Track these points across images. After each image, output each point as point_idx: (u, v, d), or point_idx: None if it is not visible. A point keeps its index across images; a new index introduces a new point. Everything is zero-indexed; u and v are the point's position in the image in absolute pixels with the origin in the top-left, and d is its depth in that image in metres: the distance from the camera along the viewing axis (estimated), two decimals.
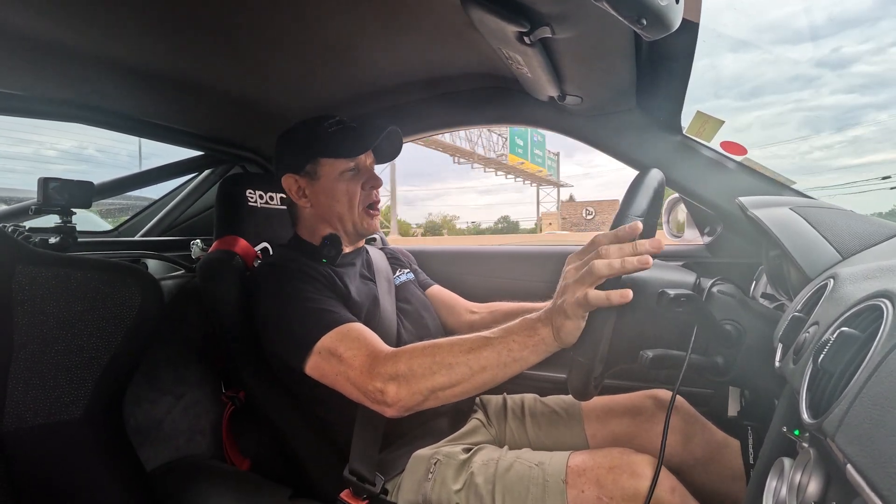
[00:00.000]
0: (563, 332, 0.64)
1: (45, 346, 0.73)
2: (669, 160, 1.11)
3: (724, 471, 0.94)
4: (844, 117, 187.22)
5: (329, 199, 1.03)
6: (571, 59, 0.87)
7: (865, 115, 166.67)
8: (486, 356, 0.70)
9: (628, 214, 0.64)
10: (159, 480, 0.92)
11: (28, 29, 0.82)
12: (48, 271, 0.75)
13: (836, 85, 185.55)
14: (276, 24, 0.87)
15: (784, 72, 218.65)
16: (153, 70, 1.00)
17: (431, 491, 0.85)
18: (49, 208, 0.99)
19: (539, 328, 0.68)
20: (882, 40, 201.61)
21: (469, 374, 0.71)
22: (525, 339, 0.69)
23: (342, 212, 1.03)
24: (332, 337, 0.83)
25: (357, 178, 1.03)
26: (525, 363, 0.70)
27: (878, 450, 0.31)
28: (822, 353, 0.41)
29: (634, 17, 0.56)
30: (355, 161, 1.03)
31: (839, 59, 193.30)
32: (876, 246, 0.66)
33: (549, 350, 0.68)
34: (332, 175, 1.02)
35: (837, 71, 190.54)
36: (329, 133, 1.02)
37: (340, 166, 1.02)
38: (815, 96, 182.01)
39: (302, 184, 1.04)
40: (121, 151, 57.97)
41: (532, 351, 0.68)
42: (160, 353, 1.14)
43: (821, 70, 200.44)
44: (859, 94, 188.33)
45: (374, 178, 1.06)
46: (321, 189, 1.03)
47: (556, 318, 0.65)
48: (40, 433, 0.72)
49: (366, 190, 1.04)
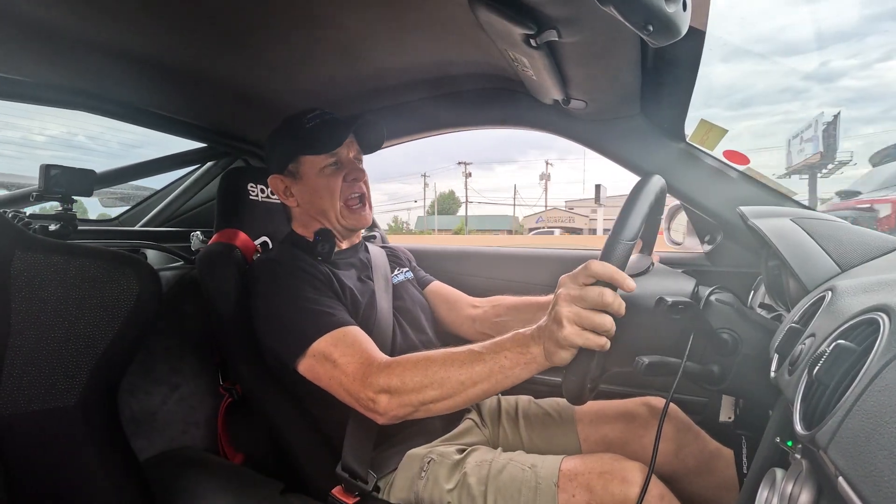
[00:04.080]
0: (556, 358, 0.65)
1: (41, 333, 0.73)
2: (672, 167, 1.11)
3: (717, 481, 0.94)
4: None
5: (312, 195, 1.03)
6: (577, 63, 0.87)
7: (852, 128, 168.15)
8: (478, 371, 0.71)
9: (619, 241, 0.63)
10: (152, 470, 0.92)
11: (33, 15, 0.82)
12: (47, 258, 0.75)
13: (823, 98, 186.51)
14: (284, 18, 0.87)
15: (774, 83, 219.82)
16: (159, 60, 1.00)
17: (424, 490, 0.85)
18: (50, 195, 0.99)
19: (531, 346, 0.68)
20: (868, 56, 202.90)
21: (460, 388, 0.72)
22: (517, 356, 0.69)
23: (325, 208, 1.03)
24: (328, 340, 0.83)
25: (338, 171, 1.03)
26: (516, 379, 0.70)
27: (871, 463, 0.31)
28: (817, 365, 0.41)
29: (641, 23, 0.56)
30: (335, 155, 1.03)
31: (827, 72, 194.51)
32: (875, 259, 0.66)
33: (540, 368, 0.68)
34: (313, 172, 1.02)
35: (825, 84, 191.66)
36: (307, 129, 1.02)
37: (320, 162, 1.02)
38: (803, 108, 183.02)
39: (287, 183, 1.05)
40: (111, 140, 57.79)
41: (524, 369, 0.69)
42: (157, 343, 1.14)
43: (808, 83, 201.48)
44: (846, 108, 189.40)
45: (356, 171, 1.05)
46: (304, 187, 1.04)
47: (548, 344, 0.65)
48: (34, 419, 0.72)
49: (347, 182, 1.04)
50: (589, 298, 0.62)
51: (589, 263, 0.64)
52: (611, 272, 0.62)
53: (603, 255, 0.64)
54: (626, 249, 0.64)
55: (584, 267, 0.64)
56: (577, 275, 0.65)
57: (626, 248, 0.64)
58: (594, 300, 0.61)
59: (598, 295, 0.61)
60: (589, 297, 0.62)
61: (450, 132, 1.42)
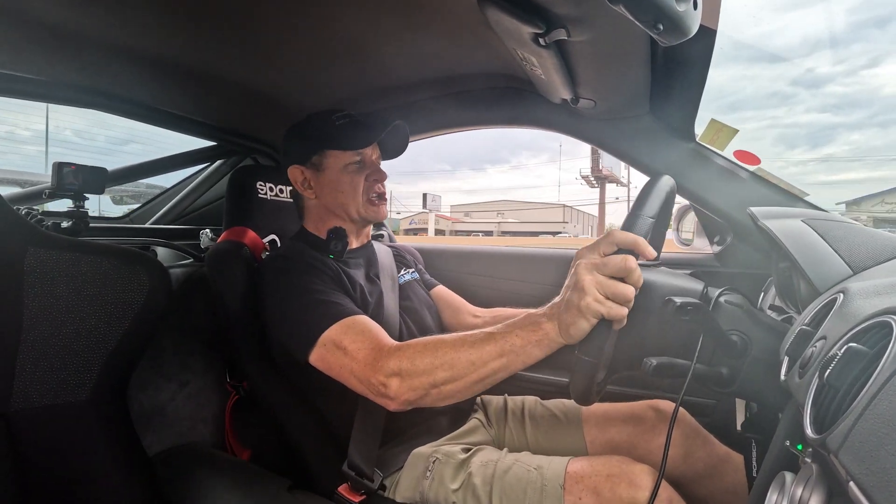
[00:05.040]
0: (574, 329, 0.62)
1: (53, 329, 0.74)
2: (681, 167, 1.10)
3: (725, 485, 0.93)
4: (818, 135, 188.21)
5: (333, 190, 1.03)
6: (586, 62, 0.86)
7: (838, 134, 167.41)
8: (489, 351, 0.70)
9: (640, 214, 0.63)
10: (160, 466, 0.93)
11: (46, 14, 0.83)
12: (59, 255, 0.76)
13: (810, 103, 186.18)
14: (293, 18, 0.87)
15: (762, 88, 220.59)
16: (170, 59, 1.01)
17: (429, 489, 0.85)
18: (62, 193, 1.01)
19: (543, 323, 0.67)
20: (854, 63, 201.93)
21: (471, 369, 0.71)
22: (529, 334, 0.67)
23: (346, 202, 1.03)
24: (337, 329, 0.83)
25: (361, 170, 1.04)
26: (529, 358, 0.68)
27: (882, 468, 0.30)
28: (828, 368, 0.41)
29: (651, 22, 0.56)
30: (361, 154, 1.04)
31: (813, 78, 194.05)
32: (887, 262, 0.65)
33: (553, 346, 0.66)
34: (336, 167, 1.03)
35: (811, 90, 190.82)
36: (336, 126, 1.03)
37: (346, 158, 1.03)
38: (790, 114, 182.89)
39: (307, 175, 1.05)
40: (98, 136, 58.30)
41: (536, 346, 0.67)
42: (166, 340, 1.15)
43: (796, 88, 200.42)
44: (832, 114, 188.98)
45: (378, 172, 1.06)
46: (326, 180, 1.04)
47: (567, 315, 0.63)
48: (46, 414, 0.74)
49: (369, 182, 1.05)
50: (612, 265, 0.61)
51: (612, 231, 0.63)
52: (633, 239, 0.61)
53: (624, 226, 0.64)
54: (647, 225, 0.63)
55: (607, 234, 0.64)
56: (599, 243, 0.64)
57: (646, 223, 0.63)
58: (618, 266, 0.60)
59: (621, 261, 0.60)
60: (612, 263, 0.61)
61: (457, 132, 1.42)
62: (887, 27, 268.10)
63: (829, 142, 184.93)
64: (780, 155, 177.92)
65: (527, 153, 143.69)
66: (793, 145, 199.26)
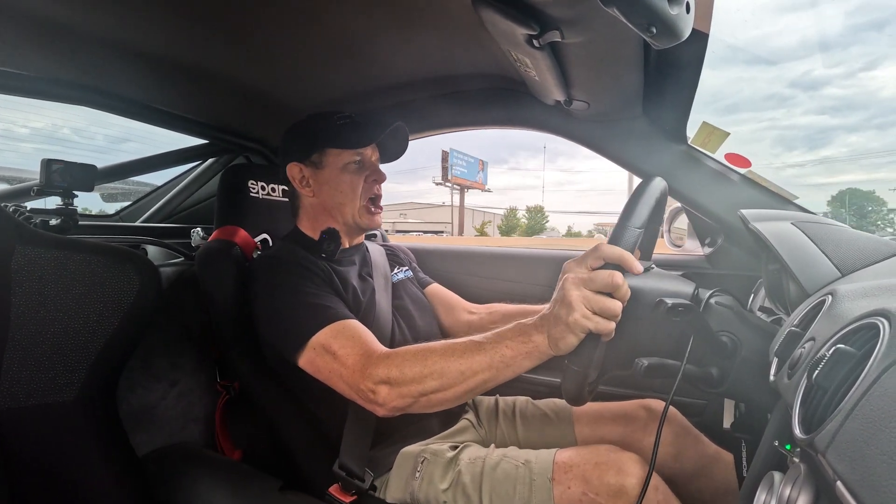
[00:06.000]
0: (563, 343, 0.63)
1: (41, 327, 0.73)
2: (673, 169, 1.11)
3: (716, 484, 0.94)
4: (816, 137, 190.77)
5: (332, 188, 1.03)
6: (580, 64, 0.87)
7: (836, 136, 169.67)
8: (479, 361, 0.70)
9: (627, 226, 0.64)
10: (150, 466, 0.92)
11: (39, 10, 0.82)
12: (47, 253, 0.75)
13: (808, 106, 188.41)
14: (288, 16, 0.87)
15: (760, 90, 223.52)
16: (163, 56, 1.00)
17: (419, 489, 0.85)
18: (51, 190, 0.99)
19: (533, 335, 0.67)
20: (852, 65, 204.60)
21: (461, 378, 0.71)
22: (519, 345, 0.68)
23: (343, 202, 1.03)
24: (327, 333, 0.83)
25: (361, 170, 1.04)
26: (518, 369, 0.69)
27: (869, 468, 0.31)
28: (816, 368, 0.41)
29: (644, 25, 0.56)
30: (360, 154, 1.03)
31: (811, 81, 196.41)
32: (875, 264, 0.66)
33: (543, 357, 0.67)
34: (336, 165, 1.02)
35: (809, 92, 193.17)
36: (338, 125, 1.03)
37: (346, 157, 1.02)
38: (788, 116, 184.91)
39: (306, 173, 1.04)
40: (97, 133, 57.77)
41: (526, 357, 0.68)
42: (156, 339, 1.14)
43: (794, 90, 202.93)
44: (829, 116, 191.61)
45: (377, 173, 1.06)
46: (325, 179, 1.03)
47: (555, 330, 0.64)
48: (33, 414, 0.73)
49: (368, 183, 1.05)
50: (598, 280, 0.61)
51: (599, 246, 0.63)
52: (620, 254, 0.62)
53: (611, 239, 0.64)
54: (634, 236, 0.64)
55: (594, 249, 0.64)
56: (585, 258, 0.64)
57: (633, 234, 0.64)
58: (604, 282, 0.61)
59: (608, 276, 0.61)
60: (599, 279, 0.61)
61: (451, 132, 1.42)
62: (885, 30, 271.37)
63: (827, 144, 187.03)
64: (779, 157, 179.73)
65: (525, 153, 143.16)
66: (791, 147, 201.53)
